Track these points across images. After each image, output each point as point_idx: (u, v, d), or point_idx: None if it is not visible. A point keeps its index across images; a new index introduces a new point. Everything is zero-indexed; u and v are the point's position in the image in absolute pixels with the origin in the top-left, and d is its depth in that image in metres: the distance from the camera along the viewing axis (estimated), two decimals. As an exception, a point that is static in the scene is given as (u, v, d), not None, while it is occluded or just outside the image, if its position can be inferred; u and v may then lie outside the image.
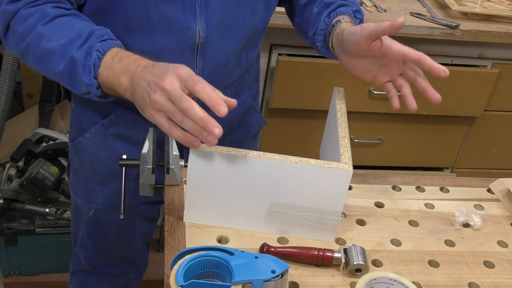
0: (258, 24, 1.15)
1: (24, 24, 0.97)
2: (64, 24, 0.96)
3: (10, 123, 2.13)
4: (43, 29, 0.95)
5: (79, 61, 0.93)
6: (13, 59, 1.86)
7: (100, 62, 0.92)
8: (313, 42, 1.16)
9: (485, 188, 1.21)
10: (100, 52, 0.92)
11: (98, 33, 0.95)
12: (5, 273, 1.92)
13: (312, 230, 0.98)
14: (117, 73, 0.91)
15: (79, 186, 1.29)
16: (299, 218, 0.97)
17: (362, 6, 1.87)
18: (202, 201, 0.96)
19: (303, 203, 0.95)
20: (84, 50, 0.93)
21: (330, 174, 0.91)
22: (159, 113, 0.84)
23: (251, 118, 1.31)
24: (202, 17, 1.03)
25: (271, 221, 0.97)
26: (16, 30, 0.97)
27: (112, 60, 0.92)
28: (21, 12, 0.96)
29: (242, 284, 0.79)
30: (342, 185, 0.93)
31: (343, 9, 1.11)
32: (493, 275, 0.98)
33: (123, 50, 0.94)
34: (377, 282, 0.87)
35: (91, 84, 0.93)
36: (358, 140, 2.06)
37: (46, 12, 0.96)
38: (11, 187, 1.85)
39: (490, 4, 2.01)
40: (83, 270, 1.42)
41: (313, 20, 1.14)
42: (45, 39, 0.95)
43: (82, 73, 0.93)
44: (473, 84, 2.01)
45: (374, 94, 1.94)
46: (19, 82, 2.22)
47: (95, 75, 0.93)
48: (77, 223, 1.36)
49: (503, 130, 2.19)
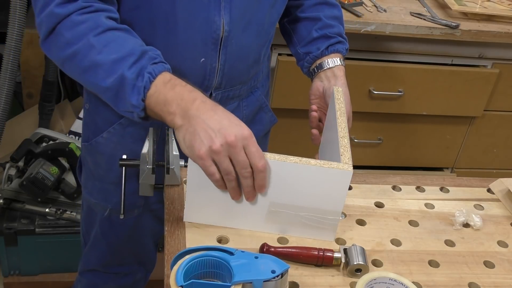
0: (276, 19, 1.18)
1: (74, 30, 0.93)
2: (116, 38, 0.94)
3: (10, 123, 2.13)
4: (95, 40, 0.92)
5: (130, 81, 0.90)
6: (13, 59, 1.86)
7: (150, 85, 0.90)
8: (300, 58, 1.26)
9: (485, 188, 1.21)
10: (152, 75, 0.91)
11: (150, 55, 0.93)
12: (5, 273, 1.92)
13: (312, 230, 0.98)
14: (169, 100, 0.89)
15: (94, 186, 1.28)
16: (299, 218, 0.97)
17: (362, 6, 1.87)
18: (202, 201, 0.96)
19: (303, 203, 0.95)
20: (135, 70, 0.90)
21: (330, 174, 0.91)
22: (211, 161, 0.87)
23: (264, 116, 1.33)
24: (227, 10, 1.04)
25: (271, 221, 0.97)
26: (64, 35, 0.94)
27: (165, 86, 0.90)
28: (72, 17, 0.93)
29: (242, 284, 0.79)
30: (342, 185, 0.93)
31: (340, 47, 1.22)
32: (493, 275, 0.98)
33: (175, 77, 0.93)
34: (377, 282, 0.87)
35: (137, 106, 0.91)
36: (358, 140, 2.06)
37: (99, 22, 0.93)
38: (11, 187, 1.85)
39: (490, 4, 2.01)
40: (93, 269, 1.43)
41: (308, 41, 1.24)
42: (96, 51, 0.92)
43: (131, 93, 0.91)
44: (473, 84, 2.01)
45: (374, 94, 1.94)
46: (19, 82, 2.21)
47: (144, 97, 0.91)
48: (89, 224, 1.36)
49: (503, 130, 2.20)
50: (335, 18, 1.26)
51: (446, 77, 1.98)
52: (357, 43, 1.88)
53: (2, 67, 1.87)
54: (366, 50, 1.92)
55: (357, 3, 1.87)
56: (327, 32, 1.22)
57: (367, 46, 1.91)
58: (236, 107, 1.21)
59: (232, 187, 0.90)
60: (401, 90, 1.96)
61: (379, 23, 1.81)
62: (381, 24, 1.81)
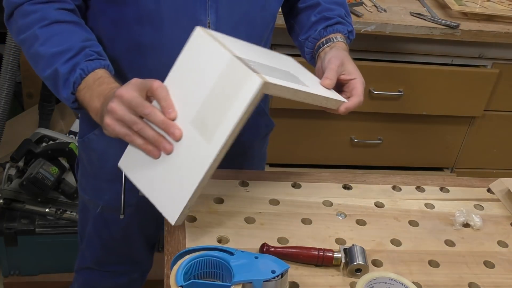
0: (270, 21, 1.16)
1: (24, 19, 0.99)
2: (60, 32, 0.99)
3: (10, 123, 2.13)
4: (39, 32, 0.98)
5: (62, 75, 0.96)
6: (13, 59, 1.86)
7: (81, 80, 0.96)
8: (302, 46, 1.20)
9: (485, 188, 1.21)
10: (84, 72, 0.96)
11: (88, 51, 0.97)
12: (5, 273, 1.92)
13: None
14: (94, 96, 0.94)
15: (88, 183, 1.29)
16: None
17: (362, 6, 1.87)
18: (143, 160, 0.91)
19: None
20: (69, 66, 0.96)
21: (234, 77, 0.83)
22: (119, 123, 0.87)
23: (260, 120, 1.31)
24: (213, 10, 1.04)
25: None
26: (17, 22, 1.00)
27: (94, 82, 0.95)
28: (25, 7, 0.99)
29: (242, 284, 0.79)
30: (243, 92, 0.82)
31: (340, 27, 1.17)
32: (493, 275, 0.98)
33: (107, 76, 0.97)
34: (377, 282, 0.87)
35: (67, 99, 0.98)
36: (358, 140, 2.06)
37: (46, 15, 0.98)
38: (11, 187, 1.85)
39: (490, 4, 2.01)
40: (88, 267, 1.42)
41: (308, 27, 1.19)
42: (39, 42, 0.97)
43: (62, 86, 0.97)
44: (473, 84, 2.01)
45: (374, 94, 1.94)
46: (19, 82, 2.22)
47: (73, 91, 0.96)
48: (84, 221, 1.37)
49: (503, 130, 2.19)
50: (336, 3, 1.21)
51: (446, 77, 1.98)
52: (357, 43, 1.88)
53: (2, 67, 1.87)
54: (366, 50, 1.92)
55: (357, 3, 1.87)
56: (325, 14, 1.17)
57: (367, 46, 1.91)
58: None
59: (149, 135, 0.86)
60: (401, 90, 1.96)
61: (379, 23, 1.81)
62: (381, 24, 1.81)
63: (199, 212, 1.02)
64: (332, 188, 1.14)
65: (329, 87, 1.04)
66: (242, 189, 1.10)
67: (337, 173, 1.19)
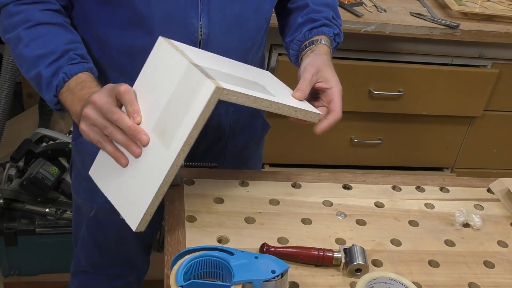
0: (263, 23, 1.15)
1: (9, 20, 1.00)
2: (44, 34, 0.99)
3: (10, 123, 2.13)
4: (23, 34, 0.99)
5: (45, 78, 0.97)
6: (13, 59, 1.86)
7: (64, 84, 0.97)
8: (287, 48, 1.20)
9: (485, 188, 1.21)
10: (67, 75, 0.97)
11: (71, 55, 0.98)
12: (5, 273, 1.92)
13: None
14: (75, 100, 0.95)
15: (81, 186, 1.28)
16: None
17: (362, 6, 1.87)
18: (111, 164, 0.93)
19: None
20: (52, 69, 0.97)
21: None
22: (92, 128, 0.89)
23: (256, 122, 1.31)
24: (204, 13, 1.04)
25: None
26: (3, 22, 1.01)
27: (75, 86, 0.97)
28: (10, 7, 1.00)
29: (242, 284, 0.79)
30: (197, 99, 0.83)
31: (325, 30, 1.15)
32: (493, 275, 0.98)
33: (90, 80, 0.98)
34: (377, 282, 0.87)
35: (50, 101, 0.99)
36: (358, 140, 2.06)
37: (31, 16, 0.99)
38: (11, 187, 1.85)
39: (490, 4, 2.01)
40: (84, 270, 1.42)
41: (294, 28, 1.18)
42: (23, 44, 0.99)
43: (45, 89, 0.98)
44: (473, 84, 2.01)
45: (374, 94, 1.94)
46: (19, 82, 2.21)
47: (56, 94, 0.98)
48: (78, 223, 1.36)
49: (503, 130, 2.19)
50: (326, 5, 1.19)
51: (446, 77, 1.98)
52: (357, 43, 1.88)
53: (2, 67, 1.87)
54: (366, 50, 1.92)
55: (357, 3, 1.87)
56: (312, 15, 1.16)
57: (367, 46, 1.91)
58: (224, 112, 1.20)
59: (119, 139, 0.88)
60: (401, 90, 1.96)
61: (379, 23, 1.81)
62: (381, 24, 1.81)
63: (199, 212, 1.02)
64: (332, 188, 1.14)
65: (300, 99, 1.02)
66: (242, 189, 1.10)
67: (337, 173, 1.19)
